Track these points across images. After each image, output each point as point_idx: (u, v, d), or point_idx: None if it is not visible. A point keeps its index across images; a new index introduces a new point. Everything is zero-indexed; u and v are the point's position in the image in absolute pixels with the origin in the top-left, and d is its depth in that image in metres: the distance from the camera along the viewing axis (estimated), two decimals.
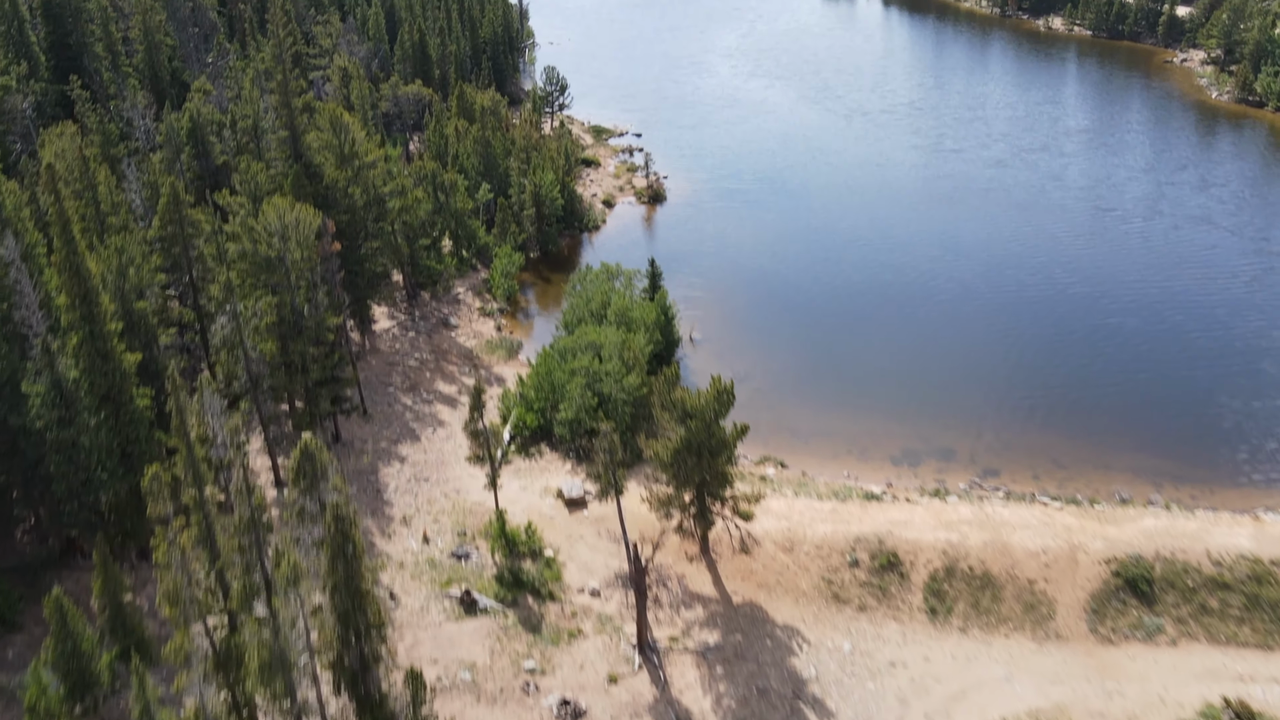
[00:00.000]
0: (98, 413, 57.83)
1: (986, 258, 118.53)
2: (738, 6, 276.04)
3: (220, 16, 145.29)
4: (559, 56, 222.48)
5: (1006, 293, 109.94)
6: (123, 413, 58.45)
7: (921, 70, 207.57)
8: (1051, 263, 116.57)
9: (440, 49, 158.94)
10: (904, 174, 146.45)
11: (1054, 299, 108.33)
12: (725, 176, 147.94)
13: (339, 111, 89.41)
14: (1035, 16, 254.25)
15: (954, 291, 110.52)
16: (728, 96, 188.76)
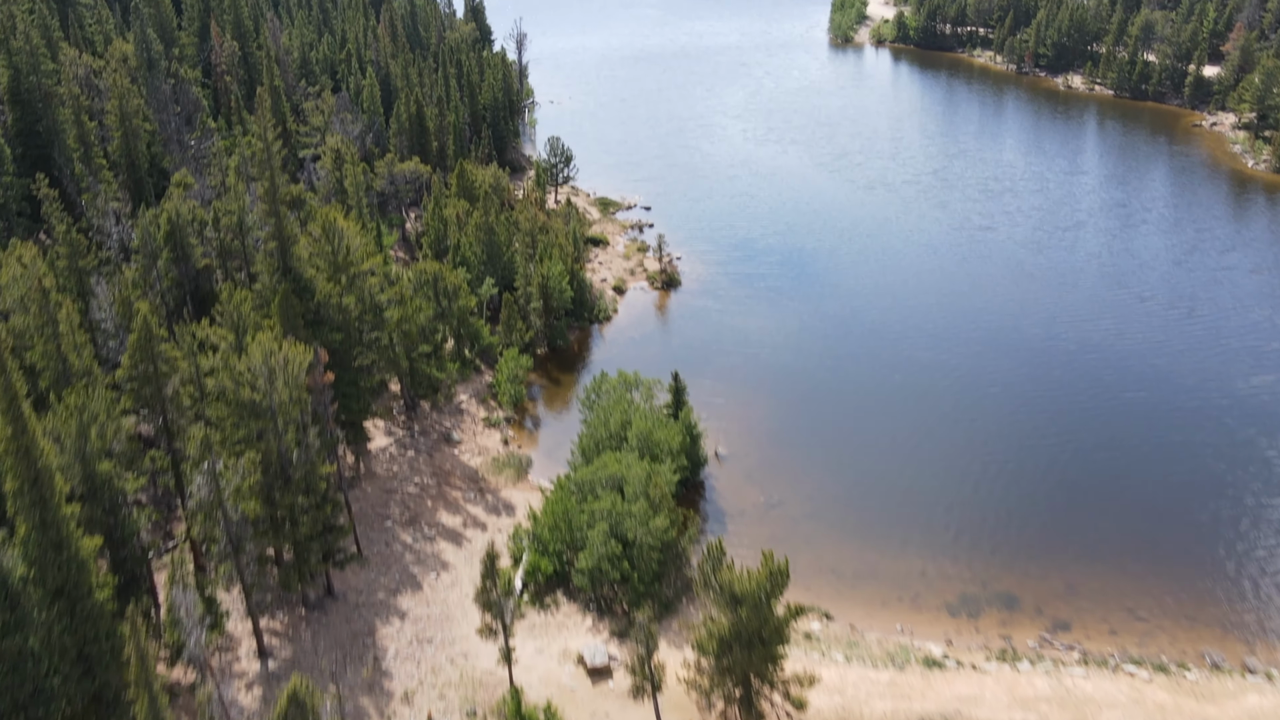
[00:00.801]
0: (50, 609, 50.37)
1: (1030, 356, 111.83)
2: (744, 62, 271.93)
3: (205, 90, 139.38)
4: (560, 117, 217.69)
5: (1056, 398, 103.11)
6: (79, 609, 50.98)
7: (940, 134, 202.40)
8: (1102, 362, 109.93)
9: (438, 119, 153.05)
10: (933, 255, 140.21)
11: (1109, 408, 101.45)
12: (742, 258, 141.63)
13: (332, 216, 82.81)
14: (1054, 74, 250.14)
15: (999, 396, 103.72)
16: (740, 163, 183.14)
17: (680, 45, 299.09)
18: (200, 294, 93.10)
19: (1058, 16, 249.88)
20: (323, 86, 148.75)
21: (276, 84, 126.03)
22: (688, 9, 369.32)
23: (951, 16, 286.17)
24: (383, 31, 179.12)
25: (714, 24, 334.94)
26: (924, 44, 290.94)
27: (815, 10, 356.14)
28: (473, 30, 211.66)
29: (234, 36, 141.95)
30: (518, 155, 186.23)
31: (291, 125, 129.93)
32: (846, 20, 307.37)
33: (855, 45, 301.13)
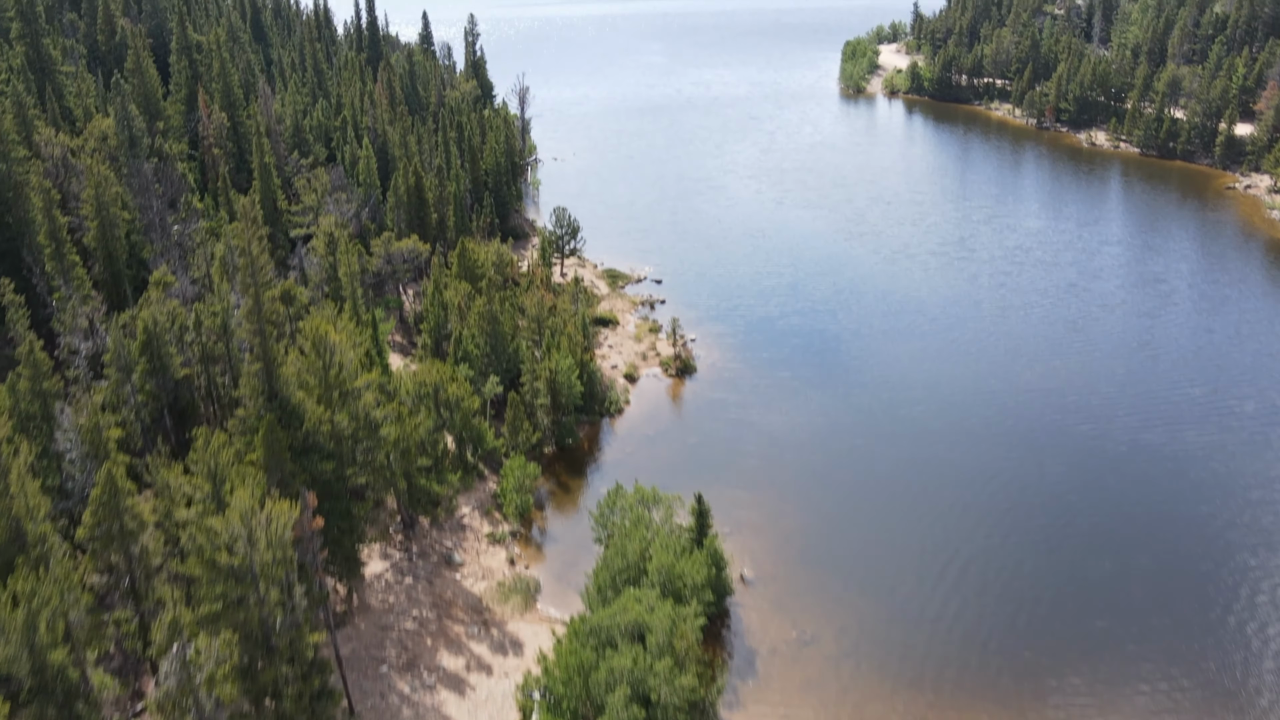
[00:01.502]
0: None
1: (1080, 460, 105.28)
2: (754, 115, 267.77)
3: (192, 162, 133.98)
4: (564, 175, 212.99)
5: (1115, 514, 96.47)
6: None
7: (962, 196, 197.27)
8: (1160, 470, 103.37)
9: (438, 189, 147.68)
10: (966, 338, 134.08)
11: (1172, 526, 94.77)
12: (760, 341, 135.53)
13: (323, 330, 76.67)
14: (1076, 130, 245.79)
15: (1045, 507, 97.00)
16: (755, 230, 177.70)
17: (687, 96, 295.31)
18: (180, 405, 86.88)
19: (1080, 70, 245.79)
20: (316, 158, 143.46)
21: (267, 160, 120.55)
22: (694, 57, 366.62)
23: (967, 68, 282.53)
24: (379, 93, 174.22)
25: (721, 73, 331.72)
26: (939, 95, 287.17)
27: (825, 58, 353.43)
28: (473, 88, 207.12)
29: (223, 107, 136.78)
30: (521, 220, 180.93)
31: (282, 204, 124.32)
32: (858, 70, 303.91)
33: (867, 96, 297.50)
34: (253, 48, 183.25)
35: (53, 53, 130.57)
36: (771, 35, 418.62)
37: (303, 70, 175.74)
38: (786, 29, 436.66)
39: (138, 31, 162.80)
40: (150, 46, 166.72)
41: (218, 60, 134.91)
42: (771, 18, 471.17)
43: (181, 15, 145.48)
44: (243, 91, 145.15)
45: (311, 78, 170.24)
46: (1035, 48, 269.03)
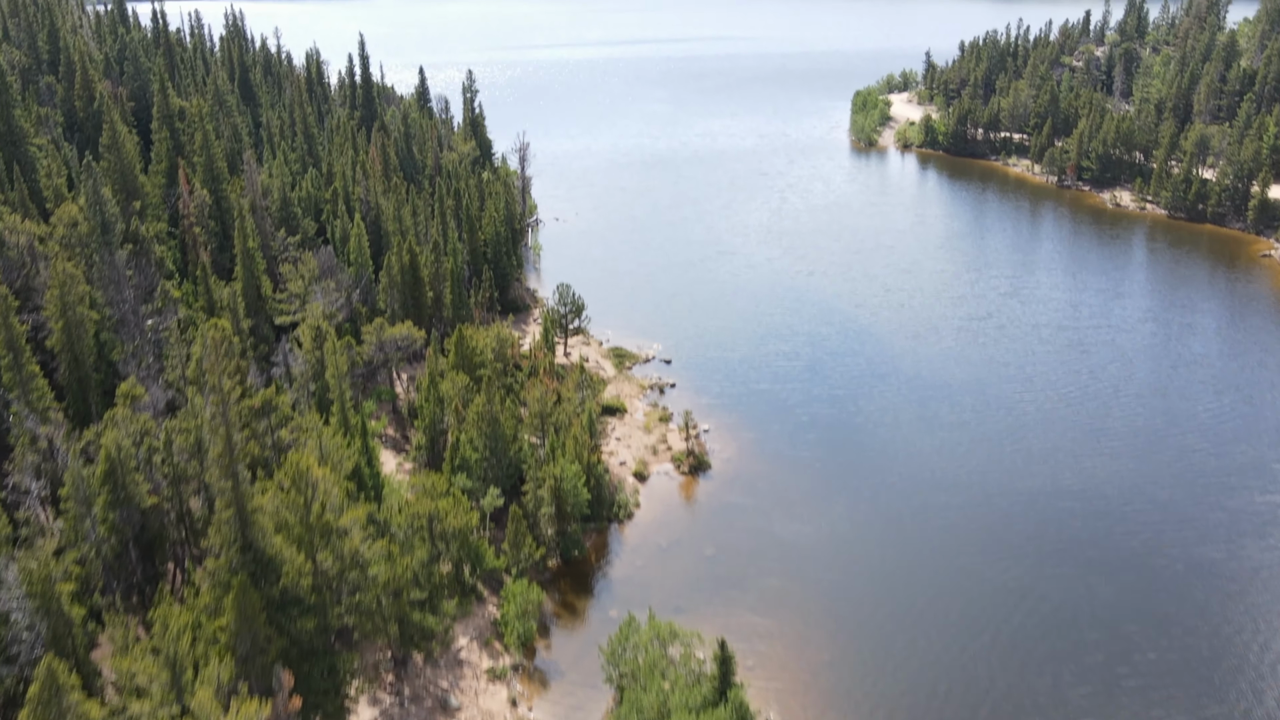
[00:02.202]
0: None
1: (1138, 581, 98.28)
2: (764, 171, 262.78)
3: (171, 241, 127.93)
4: (566, 238, 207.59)
5: (1199, 662, 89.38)
6: None
7: (986, 264, 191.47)
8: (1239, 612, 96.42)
9: (434, 265, 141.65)
10: (1003, 435, 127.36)
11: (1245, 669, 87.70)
12: (779, 432, 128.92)
13: (305, 464, 70.09)
14: (1099, 189, 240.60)
15: (1101, 643, 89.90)
16: (769, 302, 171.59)
17: (693, 149, 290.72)
18: (147, 537, 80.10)
19: (1102, 128, 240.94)
20: (305, 234, 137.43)
21: (251, 245, 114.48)
22: (699, 105, 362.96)
23: (984, 121, 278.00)
24: (374, 158, 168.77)
25: (728, 123, 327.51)
26: (954, 150, 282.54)
27: (834, 107, 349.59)
28: (472, 149, 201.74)
29: (205, 182, 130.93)
30: (521, 291, 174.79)
31: (267, 290, 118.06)
32: (869, 122, 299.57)
33: (879, 149, 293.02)
34: (240, 109, 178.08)
35: (24, 124, 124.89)
36: (778, 81, 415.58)
37: (292, 135, 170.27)
38: (793, 75, 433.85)
39: (119, 95, 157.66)
40: (133, 110, 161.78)
41: (200, 133, 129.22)
42: (777, 63, 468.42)
43: (163, 80, 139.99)
44: (227, 164, 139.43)
45: (301, 144, 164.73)
46: (1054, 102, 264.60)
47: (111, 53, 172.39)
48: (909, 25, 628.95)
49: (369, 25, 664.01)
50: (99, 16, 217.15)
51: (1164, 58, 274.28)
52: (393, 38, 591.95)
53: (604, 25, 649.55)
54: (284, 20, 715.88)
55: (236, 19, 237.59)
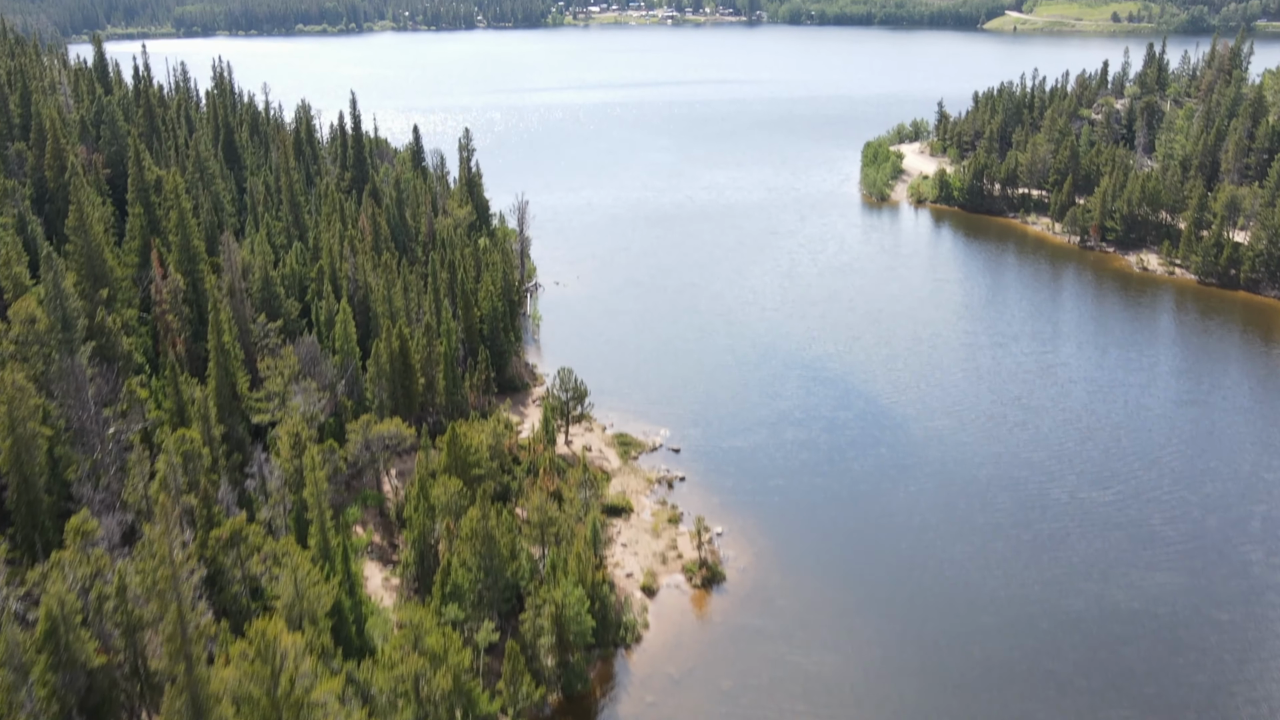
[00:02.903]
0: None
1: None
2: (774, 230, 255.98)
3: (143, 328, 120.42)
4: (566, 305, 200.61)
5: None
6: None
7: (1010, 335, 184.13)
8: None
9: (426, 349, 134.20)
10: (1043, 546, 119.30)
11: None
12: (799, 537, 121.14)
13: (272, 632, 62.08)
14: (1124, 251, 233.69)
15: None
16: (783, 379, 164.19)
17: (699, 203, 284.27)
18: (94, 700, 71.88)
19: (1126, 187, 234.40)
20: (287, 317, 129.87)
21: (226, 340, 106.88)
22: (704, 154, 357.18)
23: (1001, 176, 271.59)
24: (364, 227, 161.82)
25: (734, 175, 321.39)
26: (970, 206, 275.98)
27: (844, 157, 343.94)
28: (468, 214, 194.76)
29: (180, 263, 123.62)
30: (519, 368, 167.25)
31: (243, 388, 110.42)
32: (881, 176, 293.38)
33: (891, 204, 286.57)
34: (225, 174, 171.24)
35: None
36: (785, 128, 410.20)
37: (278, 204, 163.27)
38: (800, 121, 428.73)
39: (93, 163, 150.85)
40: (109, 178, 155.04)
41: (176, 211, 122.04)
42: (784, 108, 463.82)
43: (137, 151, 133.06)
44: (205, 243, 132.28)
45: (287, 215, 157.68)
46: (1074, 158, 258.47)
47: (88, 115, 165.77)
48: (915, 66, 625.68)
49: (366, 64, 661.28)
50: (80, 73, 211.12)
51: (1187, 112, 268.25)
52: (389, 79, 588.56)
53: (605, 66, 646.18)
54: (281, 58, 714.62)
55: (223, 72, 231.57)
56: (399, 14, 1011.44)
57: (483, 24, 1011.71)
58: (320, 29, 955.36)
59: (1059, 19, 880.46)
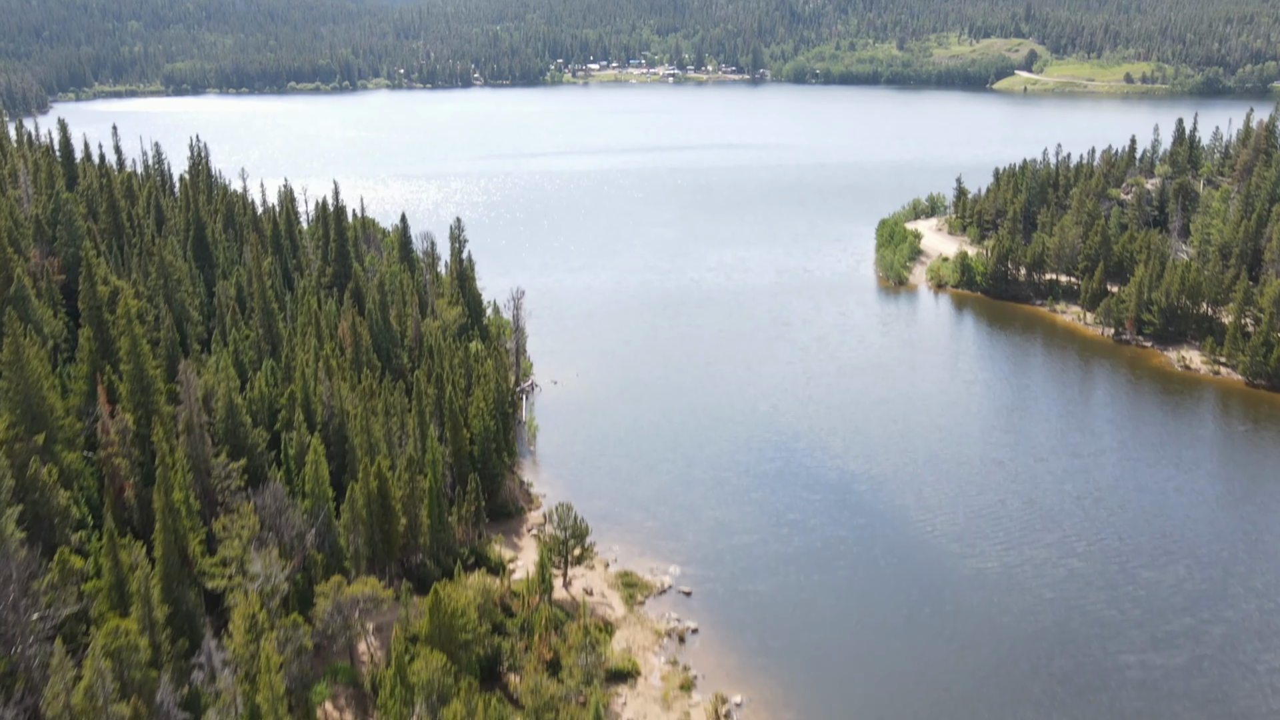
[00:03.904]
0: None
1: None
2: (786, 319, 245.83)
3: (88, 471, 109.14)
4: (564, 408, 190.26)
5: None
6: None
7: (1048, 449, 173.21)
8: None
9: (408, 485, 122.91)
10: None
11: None
12: (836, 712, 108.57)
13: None
14: (1162, 346, 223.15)
15: None
16: (805, 505, 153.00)
17: (706, 288, 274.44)
18: None
19: (1164, 278, 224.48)
20: (252, 454, 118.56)
21: (175, 499, 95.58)
22: (709, 229, 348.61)
23: (1027, 261, 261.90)
24: (343, 337, 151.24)
25: (743, 254, 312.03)
26: (994, 292, 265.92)
27: (858, 233, 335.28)
28: (459, 315, 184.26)
29: (133, 395, 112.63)
30: (513, 490, 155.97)
31: (195, 550, 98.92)
32: (898, 258, 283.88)
33: (910, 288, 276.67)
34: (194, 276, 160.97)
35: None
36: (794, 199, 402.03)
37: (249, 313, 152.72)
38: (809, 191, 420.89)
39: (45, 270, 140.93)
40: (63, 285, 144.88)
41: (128, 338, 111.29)
42: (792, 175, 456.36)
43: (89, 265, 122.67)
44: (164, 368, 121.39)
45: (257, 328, 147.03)
46: (1106, 243, 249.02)
47: (45, 213, 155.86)
48: (926, 129, 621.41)
49: (358, 125, 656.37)
50: (46, 155, 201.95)
51: (1223, 193, 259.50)
52: (381, 143, 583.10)
53: (605, 129, 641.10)
54: (272, 118, 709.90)
55: (200, 153, 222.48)
56: (394, 71, 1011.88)
57: (479, 82, 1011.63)
58: (313, 87, 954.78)
59: (1070, 80, 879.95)
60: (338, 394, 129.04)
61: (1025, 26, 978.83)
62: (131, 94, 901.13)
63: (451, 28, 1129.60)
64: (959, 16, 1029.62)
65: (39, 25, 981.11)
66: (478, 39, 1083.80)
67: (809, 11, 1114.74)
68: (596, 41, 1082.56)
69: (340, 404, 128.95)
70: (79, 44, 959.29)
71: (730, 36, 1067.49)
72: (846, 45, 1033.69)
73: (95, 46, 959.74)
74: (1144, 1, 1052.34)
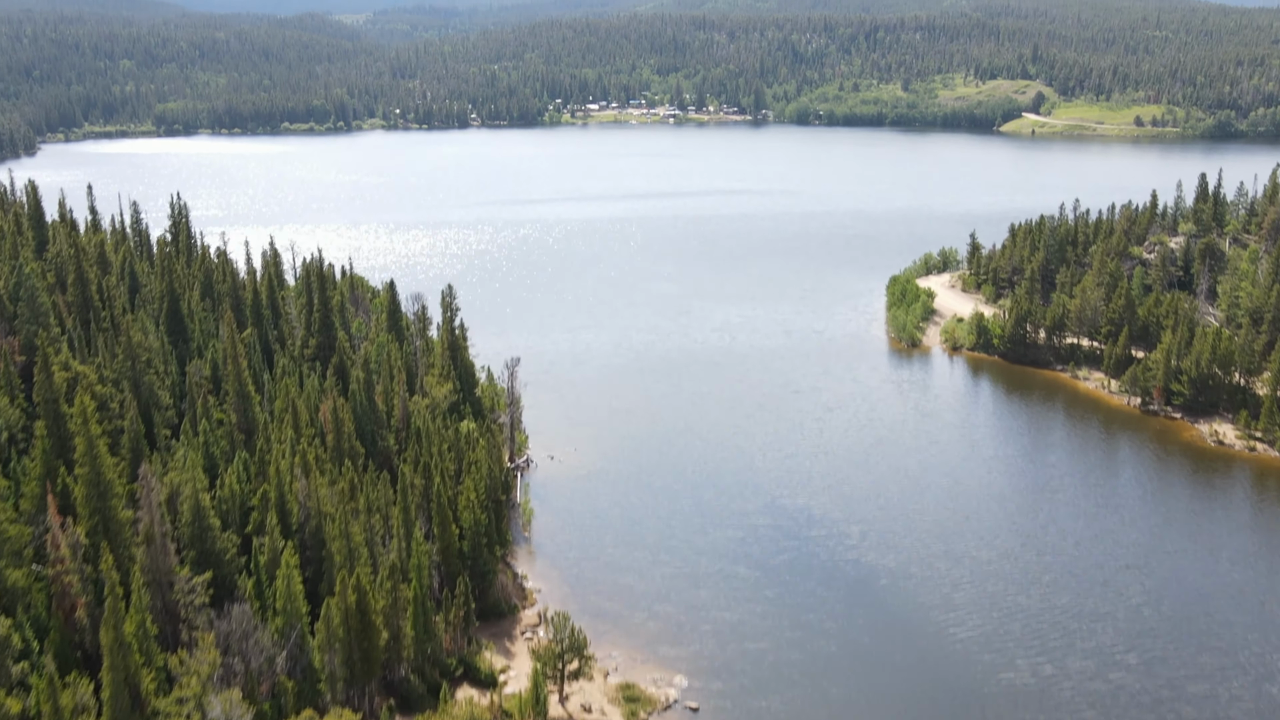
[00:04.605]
0: None
1: None
2: (797, 387, 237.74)
3: (37, 588, 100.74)
4: (561, 487, 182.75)
5: None
6: None
7: (1074, 539, 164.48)
8: None
9: (390, 596, 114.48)
10: None
11: None
12: None
13: None
14: (1193, 418, 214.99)
15: None
16: (826, 602, 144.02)
17: (710, 350, 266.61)
18: None
19: (1193, 346, 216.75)
20: (219, 564, 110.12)
21: (126, 633, 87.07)
22: (712, 284, 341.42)
23: (1047, 324, 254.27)
24: (324, 421, 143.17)
25: (748, 312, 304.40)
26: (1012, 356, 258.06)
27: (867, 289, 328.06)
28: (449, 393, 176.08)
29: (89, 501, 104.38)
30: (506, 586, 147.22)
31: (148, 689, 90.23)
32: (911, 319, 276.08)
33: (923, 350, 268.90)
34: (166, 354, 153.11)
35: None
36: (800, 250, 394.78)
37: (223, 395, 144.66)
38: (815, 241, 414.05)
39: (3, 349, 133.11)
40: (23, 368, 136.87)
41: (84, 439, 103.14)
42: (797, 224, 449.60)
43: (45, 354, 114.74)
44: (125, 467, 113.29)
45: (231, 416, 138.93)
46: (1130, 307, 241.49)
47: (6, 287, 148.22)
48: (933, 174, 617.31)
49: (352, 169, 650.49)
50: (17, 214, 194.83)
51: (1252, 254, 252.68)
52: (375, 188, 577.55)
53: (605, 173, 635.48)
54: (264, 161, 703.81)
55: (181, 211, 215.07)
56: (389, 111, 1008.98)
57: (476, 122, 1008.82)
58: (307, 127, 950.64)
59: (1079, 123, 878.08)
60: (315, 494, 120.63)
61: (1032, 68, 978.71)
62: (122, 134, 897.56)
63: (448, 67, 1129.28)
64: (964, 57, 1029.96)
65: (29, 64, 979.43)
66: (475, 78, 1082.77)
67: (812, 52, 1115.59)
68: (596, 81, 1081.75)
69: (317, 504, 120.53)
70: (69, 84, 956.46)
71: (732, 77, 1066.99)
72: (850, 86, 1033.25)
73: (86, 86, 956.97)
74: (1151, 42, 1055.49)
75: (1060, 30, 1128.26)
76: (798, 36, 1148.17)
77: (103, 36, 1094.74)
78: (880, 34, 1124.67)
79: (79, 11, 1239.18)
